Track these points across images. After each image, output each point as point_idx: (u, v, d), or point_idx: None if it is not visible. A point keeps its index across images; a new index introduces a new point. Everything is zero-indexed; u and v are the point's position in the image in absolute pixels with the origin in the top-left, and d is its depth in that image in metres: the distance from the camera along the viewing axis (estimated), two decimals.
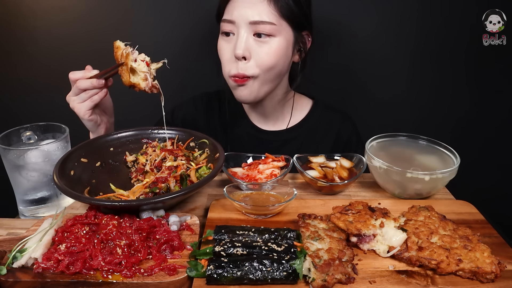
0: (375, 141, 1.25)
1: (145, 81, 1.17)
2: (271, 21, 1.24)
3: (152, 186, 1.08)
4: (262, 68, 1.28)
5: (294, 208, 1.06)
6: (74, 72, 1.19)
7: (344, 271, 0.80)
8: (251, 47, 1.27)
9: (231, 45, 1.29)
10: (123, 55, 1.15)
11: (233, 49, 1.27)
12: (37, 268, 0.80)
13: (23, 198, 1.11)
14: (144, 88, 1.18)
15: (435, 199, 1.16)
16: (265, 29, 1.25)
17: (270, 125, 1.55)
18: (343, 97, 1.97)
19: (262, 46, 1.27)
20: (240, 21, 1.25)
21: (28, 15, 1.82)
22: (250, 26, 1.25)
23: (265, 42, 1.27)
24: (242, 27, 1.26)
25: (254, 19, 1.24)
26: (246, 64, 1.27)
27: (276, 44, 1.28)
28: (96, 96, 1.19)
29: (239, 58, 1.27)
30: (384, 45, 1.89)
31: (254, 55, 1.27)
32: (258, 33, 1.26)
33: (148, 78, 1.17)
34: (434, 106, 1.99)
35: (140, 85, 1.17)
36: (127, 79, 1.17)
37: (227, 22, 1.28)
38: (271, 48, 1.27)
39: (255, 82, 1.31)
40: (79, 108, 1.20)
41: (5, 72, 1.93)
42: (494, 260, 0.82)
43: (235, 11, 1.26)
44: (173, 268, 0.81)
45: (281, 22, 1.27)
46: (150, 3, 1.82)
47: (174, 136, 1.27)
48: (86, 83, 1.16)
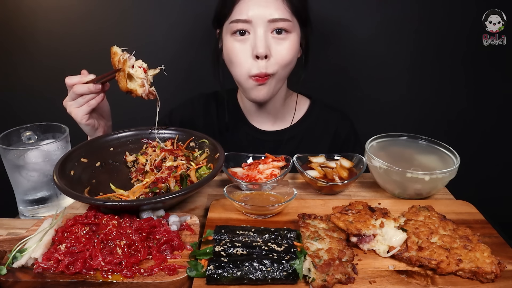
0: (375, 141, 1.25)
1: (142, 87, 1.17)
2: (287, 18, 1.26)
3: (152, 186, 1.08)
4: (281, 65, 1.30)
5: (294, 208, 1.06)
6: (70, 77, 1.19)
7: (344, 271, 0.80)
8: (270, 44, 1.27)
9: (246, 45, 1.28)
10: (120, 61, 1.15)
11: (252, 49, 1.27)
12: (37, 268, 0.80)
13: (23, 198, 1.11)
14: (141, 94, 1.18)
15: (435, 199, 1.16)
16: (284, 26, 1.27)
17: (268, 125, 1.55)
18: (343, 97, 1.97)
19: (281, 43, 1.28)
20: (257, 19, 1.25)
21: (28, 15, 1.82)
22: (269, 24, 1.26)
23: (284, 39, 1.28)
24: (259, 26, 1.25)
25: (272, 17, 1.24)
26: (267, 62, 1.27)
27: (293, 40, 1.30)
28: (93, 101, 1.19)
29: (261, 57, 1.26)
30: (384, 45, 1.89)
31: (274, 53, 1.28)
32: (278, 30, 1.27)
33: (145, 84, 1.17)
34: (434, 106, 1.99)
35: (137, 92, 1.18)
36: (124, 85, 1.17)
37: (242, 22, 1.26)
38: (289, 45, 1.29)
39: (273, 80, 1.32)
40: (76, 113, 1.20)
41: (6, 72, 1.93)
42: (494, 260, 0.82)
43: (250, 11, 1.25)
44: (173, 268, 0.81)
45: (293, 18, 1.29)
46: (149, 4, 1.82)
47: (174, 136, 1.27)
48: (83, 88, 1.16)
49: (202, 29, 1.78)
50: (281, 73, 1.32)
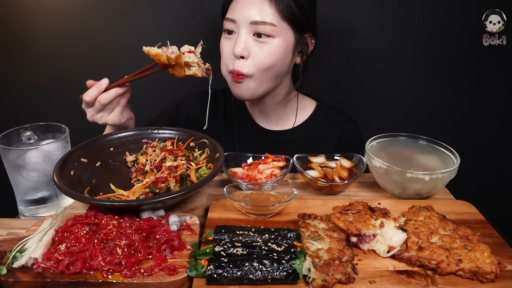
0: (375, 141, 1.25)
1: (199, 69, 1.21)
2: (272, 22, 1.25)
3: (152, 186, 1.08)
4: (259, 68, 1.29)
5: (294, 208, 1.06)
6: (87, 93, 1.19)
7: (344, 271, 0.80)
8: (250, 46, 1.28)
9: (231, 43, 1.31)
10: (171, 58, 1.16)
11: (233, 48, 1.28)
12: (37, 268, 0.80)
13: (23, 198, 1.11)
14: (201, 74, 1.22)
15: (435, 199, 1.16)
16: (265, 29, 1.25)
17: (273, 125, 1.55)
18: (344, 96, 1.97)
19: (261, 46, 1.28)
20: (241, 20, 1.27)
21: (28, 15, 1.82)
22: (251, 26, 1.26)
23: (265, 43, 1.27)
24: (242, 27, 1.27)
25: (255, 19, 1.24)
26: (244, 62, 1.29)
27: (275, 45, 1.28)
28: (123, 100, 1.23)
29: (237, 57, 1.28)
30: (384, 45, 1.89)
31: (253, 55, 1.28)
32: (258, 33, 1.26)
33: (201, 64, 1.21)
34: (434, 106, 2.00)
35: (197, 74, 1.21)
36: (182, 74, 1.20)
37: (229, 20, 1.30)
38: (270, 49, 1.28)
39: (251, 81, 1.32)
40: (113, 119, 1.23)
41: (6, 72, 1.93)
42: (494, 260, 0.82)
43: (237, 11, 1.28)
44: (173, 268, 0.81)
45: (282, 24, 1.27)
46: (150, 3, 1.82)
47: (174, 136, 1.27)
48: (109, 96, 1.18)
49: (208, 26, 1.77)
50: (261, 75, 1.31)
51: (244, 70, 1.29)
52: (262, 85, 1.34)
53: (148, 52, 1.17)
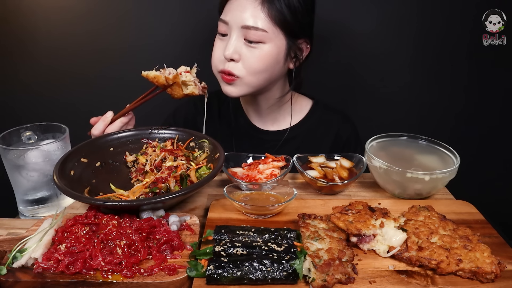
0: (375, 141, 1.25)
1: (196, 87, 1.29)
2: (263, 28, 1.25)
3: (152, 186, 1.08)
4: (249, 71, 1.30)
5: (294, 208, 1.06)
6: (95, 127, 1.26)
7: (344, 271, 0.80)
8: (241, 50, 1.28)
9: (223, 44, 1.32)
10: (169, 78, 1.23)
11: (224, 50, 1.29)
12: (37, 268, 0.80)
13: (23, 198, 1.11)
14: (198, 93, 1.30)
15: (435, 199, 1.16)
16: (255, 35, 1.25)
17: (269, 125, 1.55)
18: (343, 96, 1.97)
19: (251, 50, 1.28)
20: (233, 23, 1.27)
21: (28, 15, 1.82)
22: (242, 30, 1.26)
23: (255, 48, 1.28)
24: (234, 30, 1.28)
25: (246, 23, 1.25)
26: (234, 64, 1.30)
27: (266, 51, 1.28)
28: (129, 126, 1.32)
29: (227, 59, 1.29)
30: (384, 45, 1.89)
31: (244, 58, 1.29)
32: (248, 40, 1.27)
33: (197, 83, 1.29)
34: (434, 106, 1.99)
35: (195, 92, 1.29)
36: (180, 93, 1.28)
37: (223, 22, 1.31)
38: (260, 54, 1.28)
39: (241, 82, 1.32)
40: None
41: (5, 72, 1.93)
42: (494, 260, 0.82)
43: (230, 13, 1.28)
44: (173, 268, 0.81)
45: (273, 30, 1.27)
46: (149, 4, 1.82)
47: (174, 136, 1.27)
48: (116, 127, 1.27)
49: (206, 28, 1.77)
50: (250, 79, 1.31)
51: (235, 72, 1.30)
52: (251, 88, 1.35)
53: (147, 75, 1.24)
